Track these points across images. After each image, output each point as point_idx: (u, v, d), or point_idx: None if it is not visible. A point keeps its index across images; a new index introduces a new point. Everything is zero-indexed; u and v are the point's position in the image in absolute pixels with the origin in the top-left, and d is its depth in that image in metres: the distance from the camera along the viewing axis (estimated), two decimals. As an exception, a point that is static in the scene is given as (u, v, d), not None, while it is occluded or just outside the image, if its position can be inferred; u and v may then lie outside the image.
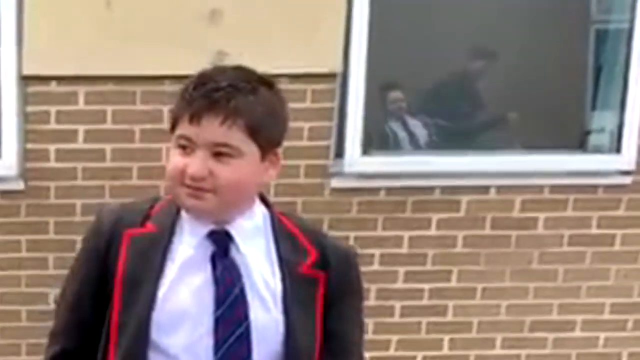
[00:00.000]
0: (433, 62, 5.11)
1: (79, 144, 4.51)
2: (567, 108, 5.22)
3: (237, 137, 1.92)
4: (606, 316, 4.88)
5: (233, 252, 2.01)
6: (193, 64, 4.42)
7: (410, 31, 4.93)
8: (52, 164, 4.53)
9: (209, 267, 2.00)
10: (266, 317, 2.00)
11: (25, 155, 4.54)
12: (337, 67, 4.53)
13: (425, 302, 4.79)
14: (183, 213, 2.04)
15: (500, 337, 4.86)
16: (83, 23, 4.39)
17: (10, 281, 4.63)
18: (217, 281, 1.99)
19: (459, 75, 5.22)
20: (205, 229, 2.01)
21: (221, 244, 2.01)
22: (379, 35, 4.59)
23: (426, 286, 4.78)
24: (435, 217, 4.73)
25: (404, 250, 4.69)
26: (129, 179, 4.53)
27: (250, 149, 1.95)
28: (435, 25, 4.97)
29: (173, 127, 1.98)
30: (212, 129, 1.91)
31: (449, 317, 4.82)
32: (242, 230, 2.02)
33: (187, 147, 1.94)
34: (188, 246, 2.02)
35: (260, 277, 2.01)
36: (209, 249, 2.02)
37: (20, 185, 4.55)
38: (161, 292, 1.99)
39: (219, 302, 1.98)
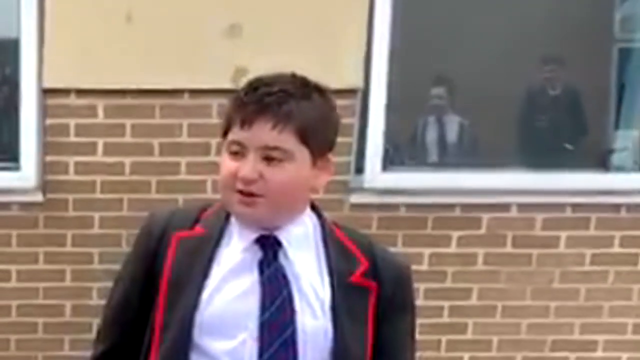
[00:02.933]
0: (455, 78, 5.10)
1: (98, 157, 4.51)
2: (590, 126, 5.19)
3: (288, 141, 1.93)
4: (628, 336, 4.83)
5: (281, 259, 2.01)
6: (212, 78, 4.50)
7: (432, 47, 4.91)
8: (71, 176, 4.54)
9: (256, 271, 2.00)
10: (314, 324, 1.98)
11: (45, 167, 4.54)
12: (358, 83, 4.51)
13: (445, 319, 4.75)
14: (232, 218, 2.04)
15: (521, 356, 4.81)
16: (103, 37, 4.40)
17: (28, 293, 4.64)
18: (263, 286, 1.98)
19: (482, 91, 5.20)
20: (254, 234, 2.01)
21: (269, 249, 2.01)
22: (400, 51, 4.58)
23: (446, 304, 4.75)
24: (455, 234, 4.70)
25: (424, 267, 4.66)
26: (147, 193, 4.53)
27: (302, 153, 1.95)
28: (457, 41, 4.95)
29: (225, 132, 1.99)
30: (263, 133, 1.92)
31: (469, 335, 4.78)
32: (291, 237, 2.02)
33: (238, 152, 1.96)
34: (236, 250, 2.02)
35: (308, 284, 2.00)
36: (256, 254, 2.02)
37: (39, 198, 4.56)
38: (205, 294, 1.99)
39: (264, 306, 1.97)
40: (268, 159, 1.94)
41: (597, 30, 5.21)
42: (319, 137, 1.98)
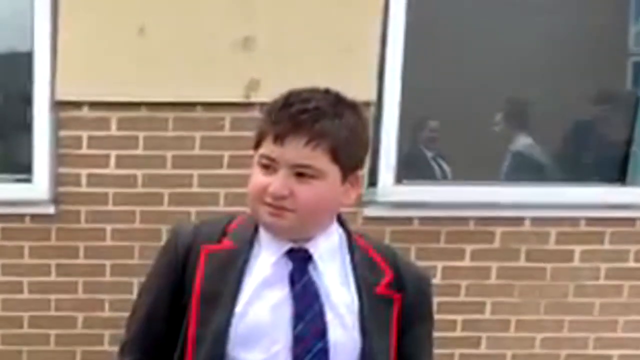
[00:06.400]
0: (468, 92, 5.07)
1: (111, 169, 4.52)
2: (604, 140, 5.17)
3: (319, 159, 1.95)
4: (643, 351, 4.81)
5: (311, 271, 2.03)
6: (225, 91, 4.49)
7: (445, 60, 4.90)
8: (84, 188, 4.54)
9: (287, 284, 2.02)
10: (344, 335, 2.02)
11: (57, 179, 4.55)
12: (371, 96, 4.50)
13: (458, 333, 4.74)
14: (261, 230, 2.06)
15: (535, 370, 4.79)
16: (116, 49, 4.41)
17: (40, 305, 4.65)
18: (295, 298, 2.01)
19: (495, 105, 5.18)
20: (284, 246, 2.04)
21: (299, 262, 2.03)
22: (414, 64, 4.57)
23: (459, 317, 4.73)
24: (469, 247, 4.69)
25: (437, 280, 4.63)
26: (159, 205, 4.53)
27: (332, 171, 1.97)
28: (472, 53, 4.93)
29: (257, 145, 2.00)
30: (296, 151, 1.94)
31: (483, 349, 4.76)
32: (320, 250, 2.05)
33: (269, 166, 1.97)
34: (266, 263, 2.04)
35: (337, 295, 2.03)
36: (287, 266, 2.04)
37: (51, 210, 4.56)
38: (239, 308, 2.01)
39: (297, 319, 2.00)
40: (299, 175, 1.95)
41: (611, 44, 5.19)
42: (350, 156, 1.99)
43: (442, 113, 5.16)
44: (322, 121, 1.94)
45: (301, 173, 1.95)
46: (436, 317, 2.21)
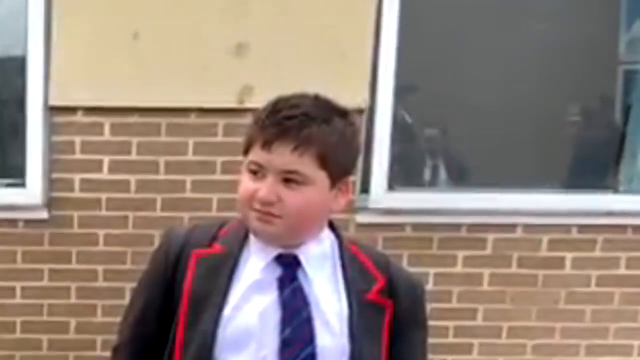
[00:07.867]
0: (461, 99, 5.09)
1: (104, 175, 4.52)
2: (596, 148, 5.18)
3: (307, 165, 1.95)
4: (634, 358, 4.81)
5: (300, 277, 2.04)
6: (219, 97, 4.49)
7: (438, 67, 4.91)
8: (77, 194, 4.54)
9: (275, 289, 2.02)
10: (332, 342, 2.01)
11: (51, 185, 4.55)
12: (364, 103, 4.51)
13: (450, 340, 4.74)
14: (251, 235, 2.06)
15: (526, 377, 4.80)
16: (110, 55, 4.41)
17: (33, 310, 4.64)
18: (284, 304, 2.01)
19: (488, 112, 5.19)
20: (273, 252, 2.04)
21: (289, 267, 2.04)
22: (406, 71, 4.58)
23: (451, 324, 4.74)
24: (461, 254, 4.69)
25: (430, 287, 4.63)
26: (153, 211, 4.53)
27: (321, 177, 1.97)
28: (465, 59, 4.94)
29: (246, 151, 2.01)
30: (283, 157, 1.94)
31: (475, 356, 4.77)
32: (310, 256, 2.05)
33: (258, 172, 1.97)
34: (256, 268, 2.04)
35: (327, 302, 2.03)
36: (276, 272, 2.04)
37: (44, 215, 4.56)
38: (227, 311, 2.01)
39: (285, 324, 2.00)
40: (287, 182, 1.95)
41: (602, 52, 5.21)
42: (339, 162, 1.99)
43: (436, 120, 5.18)
44: (309, 127, 1.94)
45: (289, 179, 1.95)
46: (428, 323, 2.21)
